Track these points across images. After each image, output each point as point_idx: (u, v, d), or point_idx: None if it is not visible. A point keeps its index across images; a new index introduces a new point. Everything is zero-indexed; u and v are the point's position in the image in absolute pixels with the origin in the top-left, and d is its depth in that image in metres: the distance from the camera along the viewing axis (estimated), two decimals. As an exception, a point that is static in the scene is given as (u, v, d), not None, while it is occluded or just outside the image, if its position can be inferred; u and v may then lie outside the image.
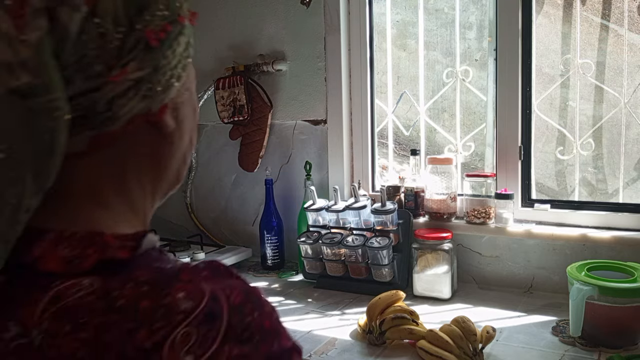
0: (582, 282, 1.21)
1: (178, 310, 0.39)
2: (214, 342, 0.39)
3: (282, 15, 1.95)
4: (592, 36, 1.66)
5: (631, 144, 1.59)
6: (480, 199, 1.67)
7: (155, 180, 0.53)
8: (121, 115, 0.45)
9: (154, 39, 0.46)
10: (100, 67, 0.42)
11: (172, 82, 0.49)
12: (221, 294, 0.41)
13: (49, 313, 0.39)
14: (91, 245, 0.42)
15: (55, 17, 0.40)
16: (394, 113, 1.93)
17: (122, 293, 0.40)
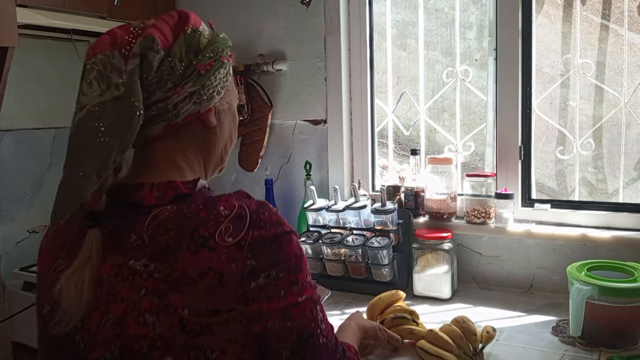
0: (582, 282, 1.21)
1: (220, 216, 0.70)
2: (243, 229, 0.69)
3: (282, 15, 1.95)
4: (592, 36, 1.65)
5: (631, 143, 1.59)
6: (480, 198, 1.67)
7: (205, 158, 0.84)
8: (181, 114, 0.77)
9: (202, 70, 0.78)
10: (170, 85, 0.75)
11: (213, 95, 0.80)
12: (244, 204, 0.72)
13: (150, 225, 0.71)
14: (169, 188, 0.74)
15: (145, 57, 0.73)
16: (394, 113, 1.93)
17: (189, 210, 0.71)
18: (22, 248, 1.99)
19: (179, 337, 0.67)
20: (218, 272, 0.67)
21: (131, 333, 0.68)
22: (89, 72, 0.75)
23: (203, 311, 0.67)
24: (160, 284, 0.67)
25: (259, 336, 0.70)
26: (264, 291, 0.69)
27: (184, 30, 0.78)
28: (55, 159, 2.10)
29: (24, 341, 1.87)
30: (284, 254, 0.71)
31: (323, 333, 0.76)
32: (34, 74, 2.03)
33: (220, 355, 0.68)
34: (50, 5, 1.68)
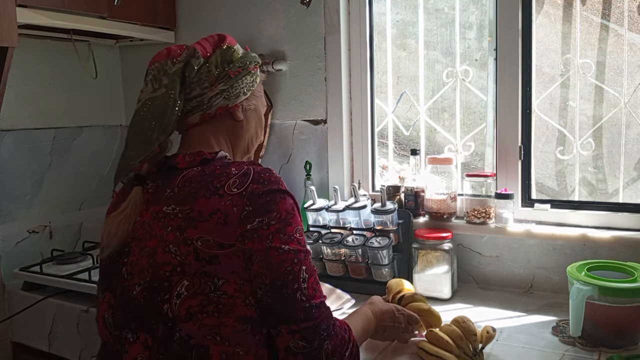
0: (582, 282, 1.21)
1: (231, 174, 0.91)
2: (246, 183, 0.89)
3: (282, 15, 1.95)
4: (592, 36, 1.65)
5: (631, 143, 1.59)
6: (480, 198, 1.67)
7: (233, 144, 1.07)
8: (213, 106, 1.02)
9: (232, 74, 1.02)
10: (206, 84, 1.01)
11: (240, 94, 1.04)
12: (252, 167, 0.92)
13: (181, 180, 0.93)
14: (197, 155, 0.97)
15: (189, 62, 1.00)
16: (394, 113, 1.93)
17: (209, 169, 0.93)
18: (22, 248, 1.99)
19: (193, 264, 0.86)
20: (224, 213, 0.86)
21: (159, 260, 0.88)
22: (148, 76, 1.01)
23: (211, 243, 0.86)
24: (181, 222, 0.88)
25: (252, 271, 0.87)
26: (256, 233, 0.86)
27: (220, 47, 1.04)
28: (55, 159, 2.10)
29: (24, 341, 1.87)
30: (276, 205, 0.88)
31: (303, 291, 0.87)
32: (34, 74, 2.04)
33: (225, 283, 0.86)
34: (50, 5, 1.68)
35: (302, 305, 0.87)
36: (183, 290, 0.86)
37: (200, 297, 0.85)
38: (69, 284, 1.70)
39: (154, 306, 0.88)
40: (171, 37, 2.17)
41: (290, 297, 0.86)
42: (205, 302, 0.85)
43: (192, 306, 0.86)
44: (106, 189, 2.31)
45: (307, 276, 0.88)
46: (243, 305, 0.87)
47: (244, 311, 0.87)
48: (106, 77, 2.30)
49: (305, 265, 0.88)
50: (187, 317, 0.86)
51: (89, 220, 2.22)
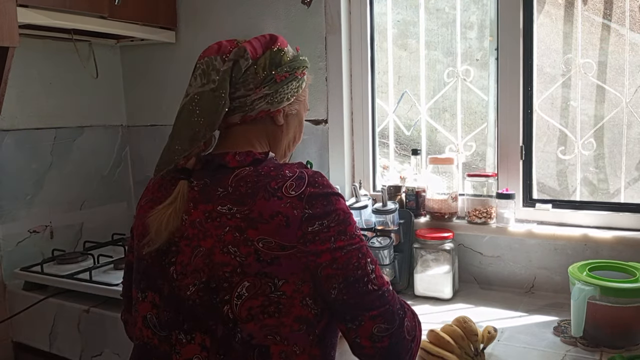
0: (583, 282, 1.21)
1: (286, 176, 0.90)
2: (302, 186, 0.89)
3: (282, 15, 1.95)
4: (594, 36, 1.65)
5: (632, 143, 1.59)
6: (481, 198, 1.67)
7: (272, 148, 1.04)
8: (256, 109, 0.99)
9: (278, 79, 0.99)
10: (251, 86, 0.97)
11: (283, 100, 1.01)
12: (304, 170, 0.92)
13: (233, 180, 0.92)
14: (248, 155, 0.95)
15: (237, 62, 0.96)
16: (395, 113, 1.92)
17: (263, 170, 0.92)
18: (23, 248, 1.99)
19: (254, 265, 0.86)
20: (285, 215, 0.86)
21: (217, 261, 0.87)
22: (197, 70, 0.99)
23: (273, 245, 0.86)
24: (240, 222, 0.87)
25: (314, 274, 0.88)
26: (318, 235, 0.87)
27: (270, 48, 1.01)
28: (55, 158, 2.10)
29: (25, 341, 1.87)
30: (333, 207, 0.89)
31: (373, 282, 0.89)
32: (35, 74, 2.03)
33: (285, 283, 0.87)
34: (51, 5, 1.68)
35: (376, 294, 0.89)
36: (244, 291, 0.86)
37: (261, 297, 0.86)
38: (70, 284, 1.70)
39: (212, 307, 0.88)
40: (172, 37, 2.17)
41: (364, 289, 0.88)
42: (266, 303, 0.86)
43: (254, 307, 0.86)
44: (107, 189, 2.31)
45: (373, 267, 0.91)
46: (300, 305, 0.88)
47: (301, 311, 0.89)
48: (107, 77, 2.30)
49: (369, 257, 0.91)
50: (249, 317, 0.86)
51: (89, 220, 2.22)
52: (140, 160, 2.38)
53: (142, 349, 0.97)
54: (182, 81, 2.19)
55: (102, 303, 1.65)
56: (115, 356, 1.61)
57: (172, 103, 2.24)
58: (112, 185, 2.33)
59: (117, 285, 1.60)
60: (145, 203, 1.02)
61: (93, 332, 1.65)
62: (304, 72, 1.05)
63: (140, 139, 2.36)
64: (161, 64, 2.25)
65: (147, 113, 2.33)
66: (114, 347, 1.61)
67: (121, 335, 1.57)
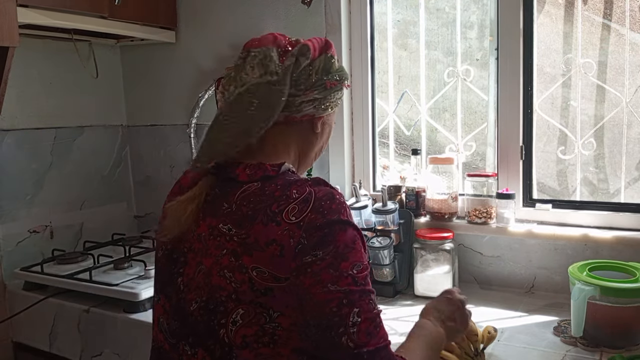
0: (583, 282, 1.21)
1: (291, 198, 0.83)
2: (305, 212, 0.81)
3: (282, 15, 1.95)
4: (594, 36, 1.65)
5: (632, 143, 1.59)
6: (481, 198, 1.67)
7: (302, 154, 1.00)
8: (302, 111, 0.94)
9: (328, 85, 0.95)
10: (303, 87, 0.93)
11: (328, 108, 0.98)
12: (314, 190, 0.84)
13: (238, 197, 0.87)
14: (259, 169, 0.89)
15: (298, 59, 0.92)
16: (395, 112, 1.92)
17: (269, 188, 0.86)
18: (23, 248, 1.99)
19: (248, 293, 0.81)
20: (280, 244, 0.80)
21: (214, 283, 0.84)
22: (253, 59, 0.93)
23: (267, 275, 0.80)
24: (237, 246, 0.82)
25: None
26: (310, 267, 0.79)
27: (326, 53, 0.97)
28: (56, 158, 2.10)
29: (25, 341, 1.87)
30: (333, 238, 0.80)
31: (351, 337, 0.76)
32: (35, 74, 2.03)
33: (280, 315, 0.81)
34: (51, 5, 1.68)
35: (349, 352, 0.76)
36: (238, 318, 0.82)
37: (255, 327, 0.81)
38: (70, 284, 1.70)
39: (210, 328, 0.84)
40: (172, 37, 2.17)
41: (335, 341, 0.77)
42: (260, 333, 0.81)
43: (248, 335, 0.81)
44: (107, 189, 2.31)
45: (359, 320, 0.77)
46: (299, 338, 0.81)
47: (300, 344, 0.82)
48: (107, 77, 2.30)
49: (358, 307, 0.77)
50: (243, 345, 0.82)
51: (89, 220, 2.22)
52: (140, 160, 2.37)
53: (157, 352, 0.96)
54: (182, 81, 2.21)
55: (102, 303, 1.65)
56: (115, 356, 1.61)
57: (172, 103, 2.24)
58: (112, 185, 2.33)
59: (117, 285, 1.60)
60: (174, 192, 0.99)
61: (93, 332, 1.65)
62: (348, 85, 1.06)
63: (140, 139, 2.36)
64: (161, 64, 2.25)
65: (147, 113, 2.33)
66: (114, 347, 1.61)
67: (121, 335, 1.58)
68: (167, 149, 2.28)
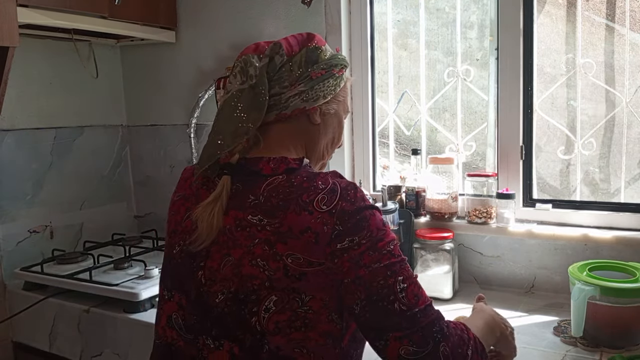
0: (583, 282, 1.21)
1: (318, 188, 0.87)
2: (334, 200, 0.85)
3: (282, 15, 1.95)
4: (594, 36, 1.65)
5: (633, 143, 1.59)
6: (481, 198, 1.67)
7: (307, 148, 1.02)
8: (290, 106, 0.96)
9: (313, 76, 0.97)
10: (286, 83, 0.95)
11: (319, 97, 0.98)
12: (337, 181, 0.88)
13: (265, 189, 0.89)
14: (282, 162, 0.92)
15: (272, 59, 0.96)
16: (395, 112, 1.92)
17: (295, 180, 0.89)
18: (23, 248, 1.99)
19: (282, 280, 0.84)
20: (314, 232, 0.84)
21: (245, 273, 0.86)
22: (235, 68, 0.99)
23: (301, 261, 0.84)
24: (270, 236, 0.85)
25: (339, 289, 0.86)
26: (347, 253, 0.84)
27: (307, 46, 0.99)
28: (56, 158, 2.10)
29: (25, 341, 1.87)
30: (367, 223, 0.85)
31: (402, 301, 0.83)
32: (35, 74, 2.03)
33: (312, 299, 0.85)
34: (51, 5, 1.68)
35: (404, 315, 0.83)
36: (272, 305, 0.85)
37: (288, 312, 0.85)
38: (70, 284, 1.70)
39: (240, 317, 0.86)
40: (172, 37, 2.17)
41: (389, 308, 0.83)
42: (293, 318, 0.85)
43: (281, 321, 0.85)
44: (107, 189, 2.31)
45: (405, 285, 0.84)
46: (327, 320, 0.87)
47: (327, 326, 0.87)
48: (107, 77, 2.30)
49: (401, 275, 0.85)
50: (276, 331, 0.85)
51: (89, 220, 2.22)
52: (140, 160, 2.37)
53: (166, 349, 0.96)
54: (182, 81, 2.21)
55: (102, 303, 1.65)
56: (115, 356, 1.61)
57: (172, 103, 2.24)
58: (112, 185, 2.33)
59: (117, 285, 1.60)
60: (178, 199, 1.01)
61: (93, 332, 1.65)
62: (342, 70, 1.02)
63: (140, 139, 2.36)
64: (161, 64, 2.25)
65: (147, 113, 2.33)
66: (114, 347, 1.61)
67: (121, 335, 1.58)
68: (167, 149, 2.28)
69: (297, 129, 0.99)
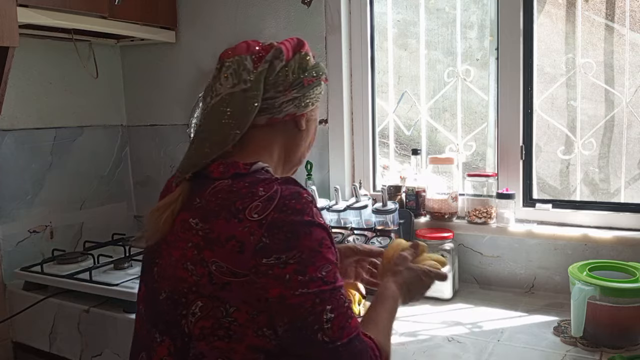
0: (583, 282, 1.21)
1: (257, 195, 0.84)
2: (268, 209, 0.82)
3: (282, 15, 1.95)
4: (594, 36, 1.65)
5: (633, 143, 1.59)
6: (481, 198, 1.67)
7: (288, 153, 1.02)
8: (283, 111, 0.96)
9: (306, 82, 0.98)
10: (281, 88, 0.95)
11: (309, 104, 1.00)
12: (282, 189, 0.85)
13: (209, 193, 0.88)
14: (231, 167, 0.91)
15: (272, 63, 0.95)
16: (395, 112, 1.92)
17: (237, 185, 0.87)
18: (23, 248, 1.98)
19: (207, 287, 0.83)
20: (239, 241, 0.81)
21: (178, 275, 0.87)
22: (227, 69, 0.96)
23: (225, 270, 0.82)
24: (200, 240, 0.85)
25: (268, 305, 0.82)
26: (272, 270, 0.80)
27: (299, 52, 0.99)
28: (56, 158, 2.10)
29: (25, 341, 1.87)
30: (297, 242, 0.81)
31: (326, 332, 0.80)
32: (35, 74, 2.03)
33: (236, 311, 0.82)
34: (51, 5, 1.68)
35: (326, 347, 0.80)
36: (197, 310, 0.84)
37: (211, 320, 0.83)
38: (70, 284, 1.70)
39: (174, 318, 0.87)
40: (172, 37, 2.17)
41: (311, 338, 0.80)
42: (216, 326, 0.83)
43: (205, 327, 0.84)
44: (107, 189, 2.31)
45: (333, 316, 0.81)
46: (254, 335, 0.83)
47: (256, 341, 0.83)
48: (107, 77, 2.30)
49: (330, 305, 0.81)
50: (201, 336, 0.84)
51: (89, 220, 2.22)
52: (140, 160, 2.37)
53: (135, 337, 1.00)
54: (182, 81, 2.20)
55: (102, 303, 1.65)
56: (115, 356, 1.61)
57: (172, 103, 2.24)
58: (112, 185, 2.33)
59: (117, 285, 1.60)
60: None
61: (93, 332, 1.65)
62: (327, 79, 1.05)
63: (140, 139, 2.36)
64: (161, 64, 2.25)
65: (147, 113, 2.33)
66: (114, 347, 1.61)
67: (121, 335, 1.58)
68: (167, 149, 2.28)
69: (284, 133, 1.00)
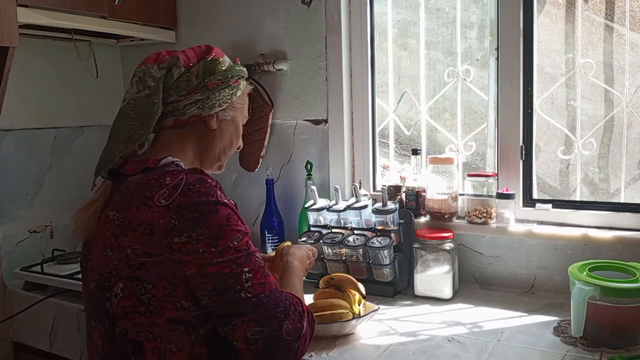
0: (583, 282, 1.21)
1: (164, 184, 0.95)
2: (174, 195, 0.93)
3: (283, 15, 1.95)
4: (594, 36, 1.65)
5: (633, 143, 1.59)
6: (481, 198, 1.67)
7: (202, 152, 1.12)
8: (187, 113, 1.06)
9: (210, 86, 1.06)
10: (184, 92, 1.05)
11: (215, 105, 1.08)
12: (187, 177, 0.96)
13: (125, 187, 0.98)
14: (142, 163, 1.01)
15: (170, 70, 1.05)
16: (395, 112, 1.92)
17: (147, 178, 0.98)
18: (23, 248, 1.99)
19: (125, 269, 0.94)
20: (149, 224, 0.92)
21: (102, 262, 0.98)
22: (134, 77, 1.07)
23: (139, 252, 0.93)
24: (116, 229, 0.95)
25: (184, 280, 0.93)
26: (184, 247, 0.91)
27: (205, 58, 1.09)
28: (55, 158, 2.10)
29: (25, 341, 1.87)
30: (205, 221, 0.92)
31: (247, 290, 0.92)
32: (35, 74, 2.04)
33: (154, 287, 0.93)
34: (51, 5, 1.68)
35: (249, 302, 0.92)
36: (119, 291, 0.95)
37: (132, 298, 0.94)
38: (70, 284, 1.70)
39: (100, 302, 0.98)
40: (172, 37, 2.17)
41: (235, 297, 0.92)
42: (137, 303, 0.94)
43: (127, 306, 0.94)
44: (107, 189, 2.31)
45: (251, 275, 0.93)
46: (173, 308, 0.94)
47: (175, 314, 0.94)
48: (107, 77, 2.30)
49: (247, 267, 0.93)
50: (123, 315, 0.95)
51: (89, 220, 2.22)
52: (140, 160, 2.37)
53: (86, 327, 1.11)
54: (182, 81, 2.20)
55: (102, 303, 1.65)
56: (115, 356, 1.61)
57: (172, 103, 2.24)
58: (112, 185, 2.33)
59: (117, 285, 1.60)
60: None
61: (93, 332, 1.65)
62: (238, 81, 1.11)
63: (140, 139, 2.35)
64: (161, 63, 2.25)
65: (147, 113, 2.32)
66: (114, 347, 1.60)
67: (121, 335, 1.57)
68: (167, 149, 2.28)
69: (193, 133, 1.09)
